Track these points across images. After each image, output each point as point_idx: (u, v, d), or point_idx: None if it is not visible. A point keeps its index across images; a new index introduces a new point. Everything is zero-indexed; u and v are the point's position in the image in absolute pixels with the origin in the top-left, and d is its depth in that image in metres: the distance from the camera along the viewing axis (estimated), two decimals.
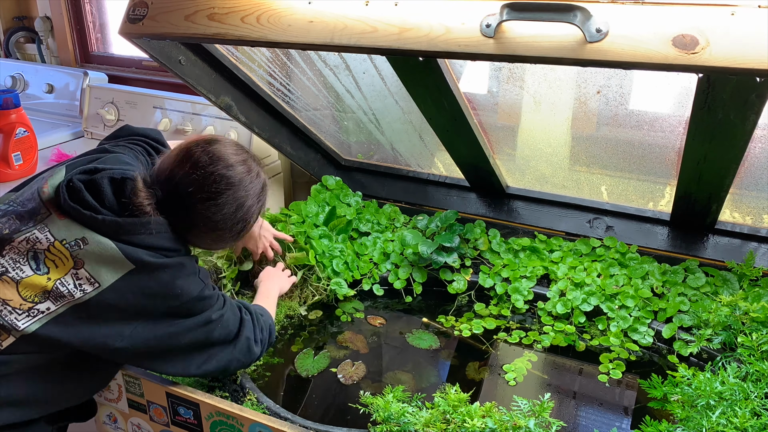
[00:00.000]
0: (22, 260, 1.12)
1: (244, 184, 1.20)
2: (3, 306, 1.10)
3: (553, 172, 1.88)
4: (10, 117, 2.32)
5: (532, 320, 1.75)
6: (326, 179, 2.10)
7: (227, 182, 1.18)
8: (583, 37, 1.04)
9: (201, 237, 1.22)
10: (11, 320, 1.10)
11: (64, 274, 1.11)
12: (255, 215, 1.26)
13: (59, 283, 1.11)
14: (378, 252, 1.94)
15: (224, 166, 1.18)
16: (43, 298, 1.11)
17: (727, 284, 1.64)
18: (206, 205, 1.17)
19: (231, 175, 1.18)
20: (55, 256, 1.12)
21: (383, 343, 1.70)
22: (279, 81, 1.89)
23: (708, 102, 1.21)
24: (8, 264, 1.12)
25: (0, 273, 1.12)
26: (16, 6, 3.28)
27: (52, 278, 1.11)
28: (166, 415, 1.37)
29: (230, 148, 1.22)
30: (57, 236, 1.13)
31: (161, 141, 1.48)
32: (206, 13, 1.35)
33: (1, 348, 1.10)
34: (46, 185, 1.19)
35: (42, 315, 1.10)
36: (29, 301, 1.10)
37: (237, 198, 1.19)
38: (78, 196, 1.13)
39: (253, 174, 1.23)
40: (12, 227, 1.15)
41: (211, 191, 1.16)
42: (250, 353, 1.32)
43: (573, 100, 1.68)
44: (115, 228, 1.12)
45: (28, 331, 1.09)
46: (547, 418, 1.15)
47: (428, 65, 1.42)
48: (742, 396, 1.13)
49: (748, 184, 1.62)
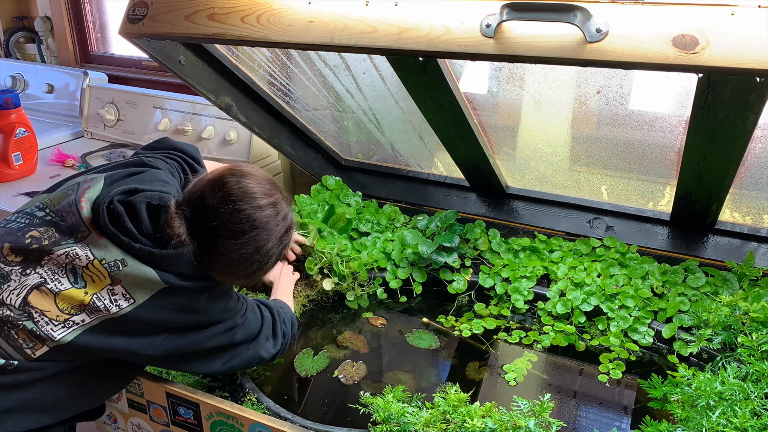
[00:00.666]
0: (61, 273, 1.14)
1: (268, 227, 1.19)
2: (40, 317, 1.12)
3: (553, 172, 1.88)
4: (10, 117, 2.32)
5: (532, 320, 1.75)
6: (326, 179, 2.10)
7: (252, 224, 1.17)
8: (583, 37, 1.04)
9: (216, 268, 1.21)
10: (47, 331, 1.11)
11: (100, 289, 1.13)
12: (273, 258, 1.24)
13: (96, 297, 1.13)
14: (378, 252, 1.94)
15: (253, 206, 1.17)
16: (79, 310, 1.13)
17: (727, 284, 1.64)
18: (226, 242, 1.17)
19: (257, 217, 1.17)
20: (93, 273, 1.14)
21: (383, 342, 1.70)
22: (279, 81, 1.89)
23: (708, 102, 1.21)
24: (47, 275, 1.14)
25: (39, 284, 1.13)
26: (16, 6, 3.28)
27: (89, 292, 1.13)
28: (166, 415, 1.37)
29: (264, 186, 1.21)
30: (97, 255, 1.14)
31: (198, 159, 1.50)
32: (206, 13, 1.36)
33: (34, 357, 1.12)
34: (83, 199, 1.19)
35: (77, 326, 1.12)
36: (65, 313, 1.12)
37: (258, 240, 1.18)
38: (118, 221, 1.15)
39: (280, 217, 1.22)
40: (52, 240, 1.17)
41: (234, 230, 1.16)
42: (274, 345, 1.38)
43: (573, 100, 1.68)
44: (150, 258, 1.14)
45: (63, 341, 1.12)
46: (547, 418, 1.15)
47: (428, 65, 1.42)
48: (742, 396, 1.13)
49: (748, 184, 1.62)
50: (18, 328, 1.11)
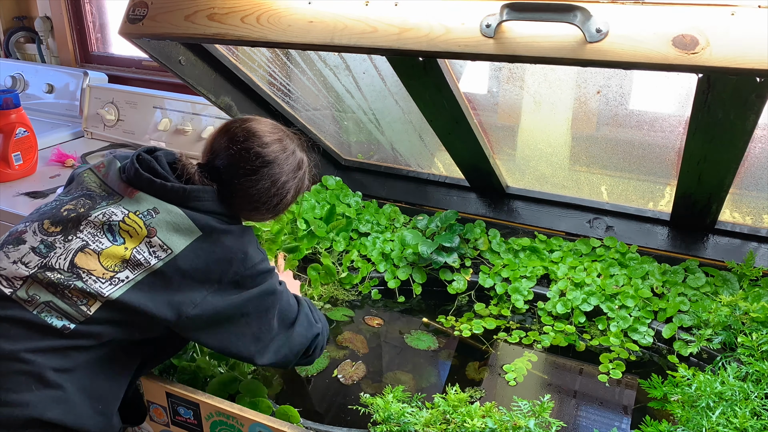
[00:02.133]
0: (100, 233, 1.21)
1: (278, 161, 1.27)
2: (88, 276, 1.18)
3: (553, 172, 1.88)
4: (10, 117, 2.32)
5: (532, 320, 1.75)
6: (326, 179, 2.10)
7: (261, 160, 1.25)
8: (583, 37, 1.04)
9: (241, 207, 1.29)
10: (96, 288, 1.17)
11: (138, 243, 1.19)
12: (292, 192, 1.33)
13: (135, 251, 1.19)
14: (377, 252, 1.94)
15: (259, 144, 1.26)
16: (123, 267, 1.18)
17: (727, 284, 1.64)
18: (242, 181, 1.26)
19: (265, 153, 1.26)
20: (130, 227, 1.21)
21: (383, 343, 1.70)
22: (279, 81, 1.89)
23: (708, 102, 1.21)
24: (88, 238, 1.20)
25: (82, 246, 1.20)
26: (16, 6, 3.28)
27: (128, 248, 1.19)
28: (166, 415, 1.37)
29: (266, 127, 1.30)
30: (130, 209, 1.22)
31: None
32: (206, 13, 1.36)
33: (90, 313, 1.16)
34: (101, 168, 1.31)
35: (122, 283, 1.18)
36: (110, 271, 1.18)
37: (272, 175, 1.27)
38: (149, 166, 1.25)
39: (289, 151, 1.30)
40: (87, 206, 1.24)
41: (246, 168, 1.25)
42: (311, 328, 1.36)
43: (573, 100, 1.68)
44: (181, 194, 1.22)
45: (112, 297, 1.16)
46: (547, 418, 1.15)
47: (428, 65, 1.42)
48: (742, 396, 1.13)
49: (748, 184, 1.62)
50: (69, 288, 1.17)
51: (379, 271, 1.92)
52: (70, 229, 1.22)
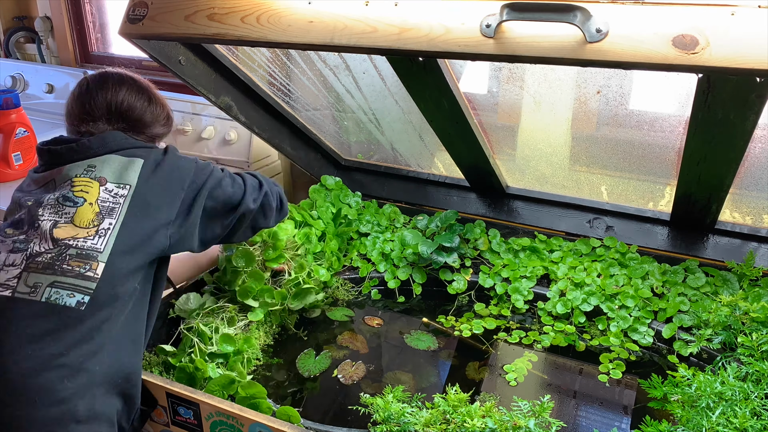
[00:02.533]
0: (60, 207, 1.25)
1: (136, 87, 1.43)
2: (75, 241, 1.21)
3: (553, 172, 1.87)
4: (10, 117, 2.32)
5: (532, 320, 1.75)
6: (325, 179, 2.10)
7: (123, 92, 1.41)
8: (583, 37, 1.04)
9: (141, 129, 1.41)
10: (89, 245, 1.21)
11: (97, 194, 1.25)
12: (165, 111, 1.48)
13: (100, 201, 1.25)
14: (377, 252, 1.94)
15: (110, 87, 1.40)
16: (100, 218, 1.23)
17: (727, 284, 1.64)
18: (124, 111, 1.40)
19: (120, 90, 1.40)
20: (80, 188, 1.26)
21: (383, 343, 1.70)
22: (279, 81, 1.89)
23: (708, 102, 1.21)
24: (53, 216, 1.24)
25: (53, 224, 1.23)
26: (16, 6, 3.28)
27: (92, 202, 1.24)
28: (166, 415, 1.37)
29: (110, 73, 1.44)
30: (71, 175, 1.28)
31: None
32: (206, 13, 1.35)
33: (98, 276, 1.19)
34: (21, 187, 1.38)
35: (109, 230, 1.23)
36: (92, 227, 1.23)
37: (138, 98, 1.41)
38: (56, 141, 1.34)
39: (136, 86, 1.44)
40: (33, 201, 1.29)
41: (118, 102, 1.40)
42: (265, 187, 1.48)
43: (573, 100, 1.68)
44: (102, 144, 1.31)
45: (108, 248, 1.21)
46: (547, 418, 1.15)
47: (428, 65, 1.42)
48: (742, 396, 1.13)
49: (748, 184, 1.62)
50: (65, 260, 1.19)
51: (379, 271, 1.92)
52: (33, 220, 1.25)
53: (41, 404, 1.11)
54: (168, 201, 1.29)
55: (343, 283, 1.89)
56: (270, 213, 1.50)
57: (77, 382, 1.15)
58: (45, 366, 1.13)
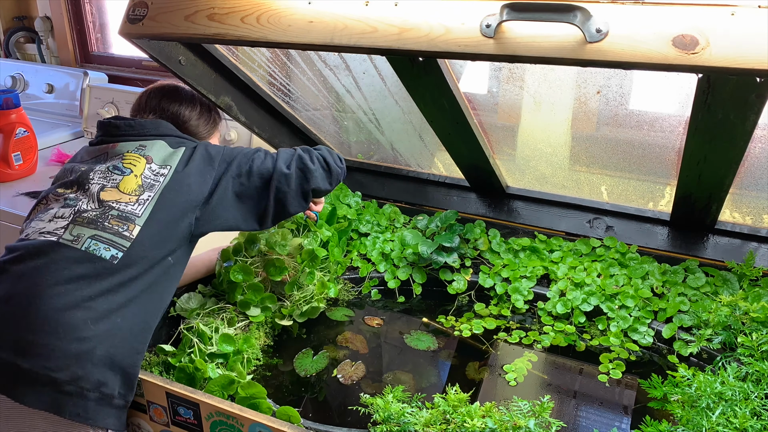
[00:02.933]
0: (109, 174, 1.41)
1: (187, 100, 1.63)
2: (117, 203, 1.37)
3: (553, 172, 1.87)
4: (10, 117, 2.32)
5: (532, 320, 1.75)
6: None
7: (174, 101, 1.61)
8: (583, 37, 1.04)
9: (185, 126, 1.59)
10: (129, 210, 1.36)
11: (143, 169, 1.41)
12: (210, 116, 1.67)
13: (143, 177, 1.40)
14: (377, 252, 1.94)
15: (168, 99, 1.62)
16: (141, 190, 1.39)
17: (727, 284, 1.64)
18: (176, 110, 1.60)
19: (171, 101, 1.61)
20: (130, 161, 1.43)
21: (383, 342, 1.70)
22: (279, 81, 1.89)
23: (708, 102, 1.21)
24: (101, 180, 1.40)
25: (101, 187, 1.39)
26: (16, 6, 3.28)
27: (137, 174, 1.40)
28: (166, 415, 1.37)
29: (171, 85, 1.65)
30: (123, 150, 1.45)
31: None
32: (206, 13, 1.35)
33: (133, 237, 1.34)
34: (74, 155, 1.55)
35: (147, 201, 1.38)
36: (134, 195, 1.38)
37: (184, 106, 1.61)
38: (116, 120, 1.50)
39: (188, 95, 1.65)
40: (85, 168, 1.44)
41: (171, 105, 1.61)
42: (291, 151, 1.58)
43: (573, 100, 1.68)
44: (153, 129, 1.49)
45: (145, 215, 1.36)
46: (547, 418, 1.15)
47: (428, 65, 1.42)
48: (742, 396, 1.13)
49: (748, 184, 1.62)
50: (107, 218, 1.34)
51: (379, 271, 1.92)
52: (83, 183, 1.40)
53: (64, 338, 1.23)
54: (199, 180, 1.43)
55: (343, 283, 1.89)
56: (311, 175, 1.52)
57: (100, 327, 1.26)
58: (75, 305, 1.25)
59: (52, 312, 1.24)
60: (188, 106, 1.60)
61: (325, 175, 1.56)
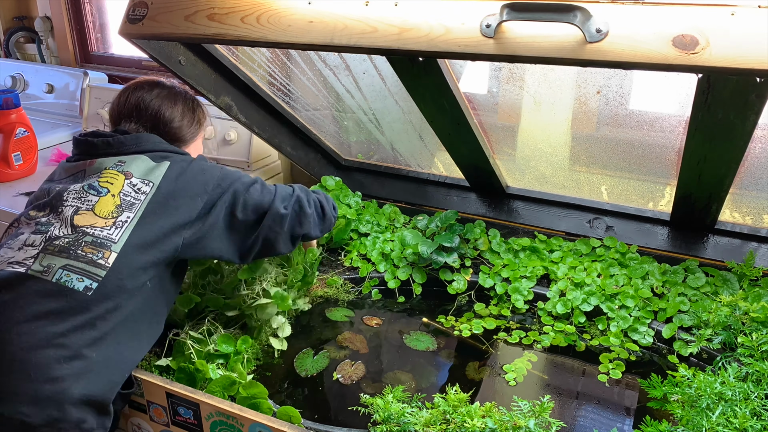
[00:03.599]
0: (84, 195, 1.32)
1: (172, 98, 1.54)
2: (92, 229, 1.27)
3: (553, 172, 1.88)
4: (10, 117, 2.32)
5: (532, 320, 1.75)
6: (325, 179, 2.10)
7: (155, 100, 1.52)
8: (583, 37, 1.04)
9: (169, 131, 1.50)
10: (105, 235, 1.26)
11: (121, 186, 1.32)
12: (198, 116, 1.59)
13: (122, 194, 1.31)
14: (377, 252, 1.94)
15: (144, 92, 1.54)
16: (119, 211, 1.29)
17: (727, 284, 1.64)
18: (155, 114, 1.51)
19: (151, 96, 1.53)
20: (107, 179, 1.34)
21: (383, 342, 1.70)
22: (279, 81, 1.89)
23: (708, 102, 1.21)
24: (76, 202, 1.31)
25: (75, 210, 1.30)
26: (16, 6, 3.28)
27: (115, 194, 1.31)
28: (166, 415, 1.37)
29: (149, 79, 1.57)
30: (101, 168, 1.36)
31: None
32: (206, 13, 1.36)
33: (109, 265, 1.24)
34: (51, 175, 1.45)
35: (126, 223, 1.28)
36: (111, 218, 1.28)
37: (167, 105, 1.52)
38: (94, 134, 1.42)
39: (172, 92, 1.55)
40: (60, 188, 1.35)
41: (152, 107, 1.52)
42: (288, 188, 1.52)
43: (573, 100, 1.68)
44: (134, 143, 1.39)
45: (123, 239, 1.26)
46: (547, 418, 1.15)
47: (428, 65, 1.42)
48: (742, 396, 1.13)
49: (748, 184, 1.62)
50: (80, 246, 1.24)
51: (379, 271, 1.92)
52: (56, 205, 1.31)
53: (36, 379, 1.14)
54: (189, 202, 1.34)
55: (343, 283, 1.89)
56: (305, 220, 1.49)
57: (74, 365, 1.17)
58: (45, 343, 1.16)
59: (20, 352, 1.15)
60: (169, 105, 1.51)
61: (319, 222, 1.53)
